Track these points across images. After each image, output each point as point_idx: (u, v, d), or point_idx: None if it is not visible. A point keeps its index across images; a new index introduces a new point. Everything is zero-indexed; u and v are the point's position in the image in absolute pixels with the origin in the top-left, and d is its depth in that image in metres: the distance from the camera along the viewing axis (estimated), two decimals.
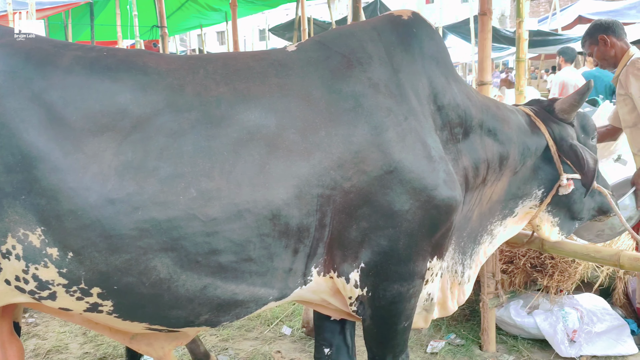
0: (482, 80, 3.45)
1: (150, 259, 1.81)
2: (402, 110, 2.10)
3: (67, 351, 3.80)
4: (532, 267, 3.60)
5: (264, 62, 2.12)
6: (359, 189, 2.01)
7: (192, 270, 1.86)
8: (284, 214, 1.91)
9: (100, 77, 1.86)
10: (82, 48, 1.97)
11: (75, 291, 1.84)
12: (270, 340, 3.87)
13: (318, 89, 2.07)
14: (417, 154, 2.06)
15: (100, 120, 1.81)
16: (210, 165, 1.85)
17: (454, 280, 2.54)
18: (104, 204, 1.75)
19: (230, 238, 1.86)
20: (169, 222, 1.79)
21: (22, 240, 1.76)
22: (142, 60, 1.97)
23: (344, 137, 2.01)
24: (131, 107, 1.84)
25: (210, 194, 1.83)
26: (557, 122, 2.67)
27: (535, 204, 2.69)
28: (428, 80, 2.23)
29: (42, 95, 1.77)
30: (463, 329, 3.90)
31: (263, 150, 1.91)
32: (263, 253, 1.93)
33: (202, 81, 1.97)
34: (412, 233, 2.09)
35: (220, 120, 1.91)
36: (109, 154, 1.78)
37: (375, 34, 2.24)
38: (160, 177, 1.80)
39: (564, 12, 15.09)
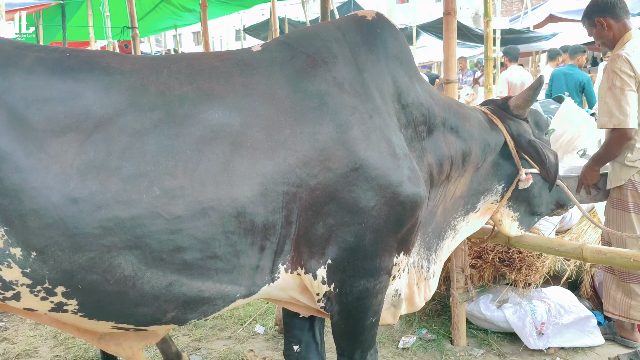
0: (448, 78, 3.49)
1: (115, 257, 1.81)
2: (367, 109, 2.13)
3: (37, 355, 3.75)
4: (501, 261, 3.65)
5: (228, 62, 2.13)
6: (324, 186, 2.04)
7: (157, 267, 1.87)
8: (249, 211, 1.92)
9: (63, 78, 1.86)
10: (45, 49, 1.96)
11: (39, 291, 1.84)
12: (243, 339, 3.87)
13: (283, 88, 2.09)
14: (381, 152, 2.10)
15: (63, 121, 1.81)
16: (174, 164, 1.86)
17: (420, 276, 2.58)
18: (66, 203, 1.75)
19: (195, 235, 1.87)
20: (132, 220, 1.80)
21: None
22: (105, 60, 1.97)
23: (309, 135, 2.03)
24: (94, 107, 1.85)
25: (174, 192, 1.84)
26: (513, 119, 2.75)
27: (496, 199, 2.76)
28: (392, 79, 2.27)
29: (3, 97, 1.77)
30: (434, 324, 3.94)
31: (227, 148, 1.92)
32: (229, 250, 1.94)
33: (166, 81, 1.98)
34: (378, 229, 2.12)
35: (183, 119, 1.91)
36: (72, 154, 1.78)
37: (339, 34, 2.26)
38: (123, 176, 1.80)
39: (536, 11, 15.33)
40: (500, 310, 3.66)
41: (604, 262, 2.85)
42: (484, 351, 3.58)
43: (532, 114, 2.88)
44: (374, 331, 2.40)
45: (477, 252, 3.73)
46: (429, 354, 3.59)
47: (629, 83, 2.98)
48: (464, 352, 3.59)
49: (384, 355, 3.58)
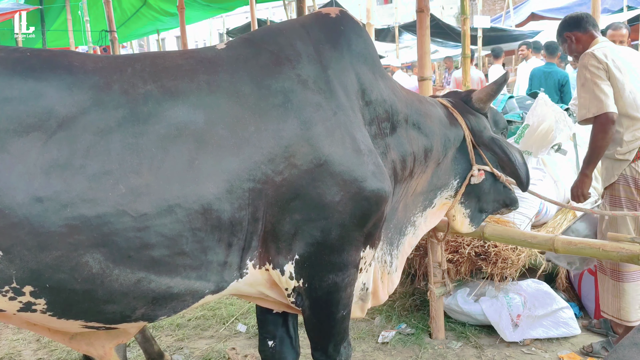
0: (422, 76, 3.55)
1: (82, 255, 1.81)
2: (331, 106, 2.15)
3: (20, 358, 3.75)
4: (477, 255, 3.71)
5: (192, 59, 2.14)
6: (290, 183, 2.05)
7: (125, 264, 1.87)
8: (215, 208, 1.94)
9: (24, 78, 1.85)
10: (5, 49, 1.96)
11: (7, 291, 1.83)
12: (225, 338, 3.89)
13: (247, 85, 2.10)
14: (346, 148, 2.12)
15: (25, 120, 1.81)
16: (139, 162, 1.86)
17: (383, 270, 2.63)
18: (31, 202, 1.75)
19: (162, 233, 1.88)
20: (98, 218, 1.80)
21: None
22: (67, 59, 1.97)
23: (274, 132, 2.05)
24: (57, 106, 1.85)
25: (140, 190, 1.84)
26: (473, 113, 2.78)
27: (450, 195, 2.80)
28: (356, 76, 2.29)
29: None
30: (414, 318, 3.99)
31: (192, 146, 1.93)
32: (196, 247, 1.95)
33: (130, 79, 1.98)
34: (344, 224, 2.14)
35: (147, 117, 1.92)
36: (35, 153, 1.78)
37: (304, 32, 2.28)
38: (87, 174, 1.81)
39: (518, 10, 15.47)
40: (477, 304, 3.73)
41: (575, 252, 2.92)
42: (461, 344, 3.64)
43: (491, 112, 2.92)
44: (345, 324, 2.43)
45: (453, 247, 3.78)
46: (407, 348, 3.64)
47: (598, 74, 3.03)
48: (442, 345, 3.64)
49: (364, 350, 3.63)
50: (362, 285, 2.49)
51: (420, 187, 2.65)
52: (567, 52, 3.41)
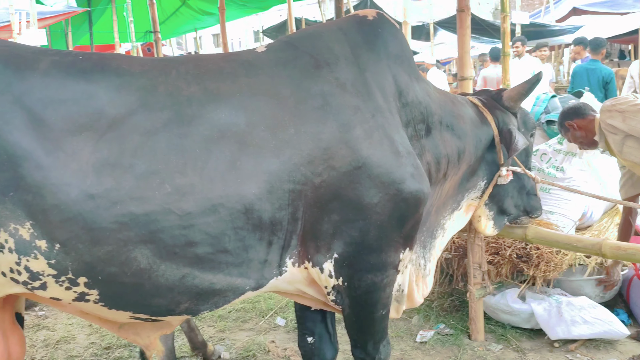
0: (462, 75, 3.53)
1: (131, 250, 1.90)
2: (369, 108, 2.18)
3: (74, 341, 3.93)
4: (518, 257, 3.68)
5: (234, 62, 2.19)
6: (328, 184, 2.09)
7: (171, 260, 1.95)
8: (257, 207, 2.00)
9: (77, 80, 1.94)
10: (59, 53, 2.05)
11: (63, 281, 1.94)
12: (265, 331, 3.96)
13: (287, 87, 2.14)
14: (384, 150, 2.15)
15: (78, 121, 1.89)
16: (184, 162, 1.93)
17: (418, 273, 2.65)
18: (84, 198, 1.84)
19: (206, 231, 1.95)
20: (146, 216, 1.88)
21: (14, 234, 1.86)
22: (116, 62, 2.05)
23: (313, 134, 2.09)
24: (107, 107, 1.93)
25: (185, 189, 1.91)
26: (503, 111, 2.78)
27: (477, 196, 2.81)
28: (393, 78, 2.31)
29: (23, 99, 1.86)
30: (452, 319, 3.98)
31: (234, 147, 1.99)
32: (238, 245, 2.01)
33: (175, 82, 2.04)
34: (382, 225, 2.17)
35: (191, 119, 1.99)
36: (87, 152, 1.87)
37: (341, 35, 2.32)
38: (135, 173, 1.88)
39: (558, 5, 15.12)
40: (526, 304, 3.67)
41: (624, 258, 2.87)
42: (502, 346, 3.62)
43: (521, 112, 2.90)
44: (384, 323, 2.47)
45: (494, 249, 3.76)
46: (446, 348, 3.63)
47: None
48: (481, 347, 3.62)
49: (402, 349, 3.64)
50: (397, 286, 2.52)
51: (451, 189, 2.65)
52: (571, 140, 3.41)
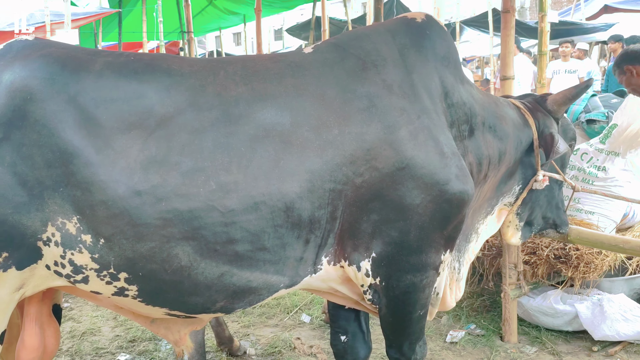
0: (505, 75, 3.47)
1: (173, 247, 1.92)
2: (415, 110, 2.17)
3: (99, 333, 3.95)
4: (556, 258, 3.55)
5: (281, 63, 2.21)
6: (370, 184, 2.08)
7: (211, 258, 1.97)
8: (297, 206, 2.00)
9: (128, 80, 2.00)
10: (112, 54, 2.12)
11: (105, 276, 1.97)
12: (290, 328, 3.90)
13: (333, 89, 2.14)
14: (429, 151, 2.13)
15: (128, 119, 1.94)
16: (229, 160, 1.96)
17: (452, 277, 2.62)
18: (131, 195, 1.88)
19: (247, 228, 1.96)
20: (190, 212, 1.91)
21: (60, 228, 1.91)
22: (167, 63, 2.10)
23: (357, 135, 2.08)
24: (156, 106, 1.97)
25: (229, 186, 1.94)
26: (545, 114, 2.71)
27: (510, 201, 2.74)
28: (439, 79, 2.30)
29: (77, 98, 1.92)
30: (483, 319, 3.88)
31: (278, 146, 2.01)
32: (277, 243, 2.02)
33: (223, 82, 2.08)
34: (423, 226, 2.15)
35: (238, 118, 2.02)
36: (135, 150, 1.91)
37: (389, 37, 2.31)
38: (182, 170, 1.92)
39: (589, 3, 14.81)
40: (569, 305, 3.54)
41: None
42: (536, 349, 3.50)
43: (563, 121, 2.83)
44: (422, 324, 2.44)
45: (530, 248, 3.64)
46: (478, 349, 3.53)
47: None
48: (515, 349, 3.51)
49: (432, 349, 3.54)
50: (433, 289, 2.47)
51: (489, 192, 2.61)
52: (624, 84, 3.30)
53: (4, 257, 1.94)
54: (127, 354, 3.67)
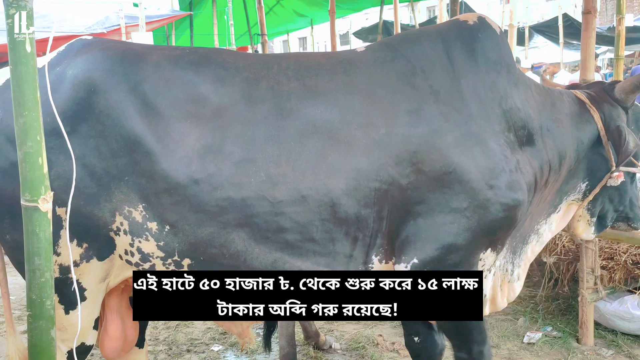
0: (585, 78, 3.53)
1: (229, 232, 2.03)
2: (462, 115, 2.18)
3: (192, 325, 4.22)
4: (634, 264, 3.64)
5: (333, 60, 2.26)
6: (416, 187, 2.12)
7: (264, 244, 2.06)
8: (343, 202, 2.06)
9: (185, 70, 2.08)
10: (168, 48, 2.23)
11: (170, 263, 2.08)
12: (371, 325, 4.11)
13: (382, 88, 2.18)
14: (476, 157, 2.14)
15: (185, 107, 2.03)
16: (279, 153, 2.03)
17: (504, 278, 2.59)
18: (190, 183, 1.98)
19: (295, 219, 2.04)
20: (242, 201, 2.00)
21: (127, 216, 2.01)
22: (221, 56, 2.19)
23: (404, 137, 2.11)
24: (211, 96, 2.05)
25: (277, 178, 2.02)
26: (612, 104, 2.59)
27: (578, 197, 2.65)
28: (491, 85, 2.27)
29: (137, 88, 2.01)
30: (559, 322, 3.99)
31: (326, 142, 2.07)
32: (325, 236, 2.09)
33: (276, 76, 2.14)
34: (470, 229, 2.16)
35: (289, 112, 2.08)
36: (193, 139, 2.00)
37: (439, 40, 2.31)
38: (235, 160, 2.00)
39: None
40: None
41: None
42: (613, 352, 3.60)
43: (635, 109, 2.69)
44: (483, 325, 2.44)
45: (608, 254, 3.74)
46: (555, 351, 3.65)
47: None
48: (591, 352, 3.62)
49: (510, 349, 3.70)
50: None
51: (550, 195, 2.56)
52: None
53: (85, 248, 2.04)
54: (219, 344, 3.92)
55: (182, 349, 3.91)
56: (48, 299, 1.58)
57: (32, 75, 1.42)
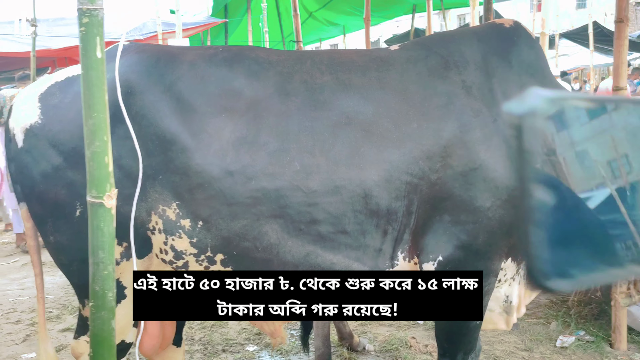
0: (617, 85, 3.56)
1: (262, 225, 2.03)
2: (492, 113, 2.19)
3: (227, 326, 4.34)
4: None
5: (366, 57, 2.29)
6: (444, 182, 2.11)
7: (297, 237, 2.05)
8: (375, 194, 2.06)
9: (218, 67, 2.13)
10: (203, 48, 2.29)
11: (203, 260, 2.09)
12: (404, 327, 4.20)
13: (414, 84, 2.20)
14: (501, 155, 2.13)
15: (219, 102, 2.06)
16: (312, 144, 2.05)
17: (525, 286, 2.49)
18: (224, 176, 1.99)
19: (328, 210, 2.04)
20: (276, 191, 2.01)
21: (162, 215, 2.03)
22: (254, 53, 2.24)
23: (434, 131, 2.13)
24: (245, 90, 2.08)
25: (311, 168, 2.02)
26: None
27: None
28: (522, 87, 2.26)
29: (172, 87, 2.05)
30: (592, 326, 4.01)
31: (359, 134, 2.08)
32: (356, 228, 2.08)
33: (309, 70, 2.18)
34: (492, 231, 2.13)
35: (322, 104, 2.10)
36: (227, 132, 2.02)
37: (475, 40, 2.34)
38: (269, 150, 2.02)
39: None
40: None
41: None
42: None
43: None
44: (476, 334, 2.41)
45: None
46: (588, 354, 3.67)
47: None
48: (625, 356, 3.63)
49: (542, 352, 3.73)
50: (504, 297, 2.46)
51: None
52: None
53: (125, 247, 2.06)
54: (254, 345, 4.01)
55: (218, 348, 3.98)
56: (110, 291, 1.65)
57: (101, 80, 1.52)
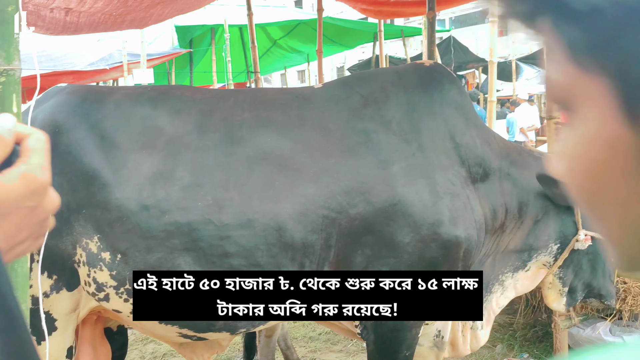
0: None
1: (176, 257, 2.05)
2: (411, 147, 2.24)
3: (179, 356, 4.17)
4: None
5: (289, 95, 2.39)
6: (363, 217, 2.14)
7: (210, 270, 2.05)
8: (289, 227, 2.08)
9: (143, 106, 2.21)
10: (132, 87, 2.37)
11: (122, 292, 2.10)
12: (353, 353, 4.20)
13: (334, 122, 2.27)
14: (420, 189, 2.17)
15: (140, 139, 2.13)
16: (227, 178, 2.09)
17: (465, 324, 2.56)
18: (140, 210, 2.03)
19: (240, 243, 2.05)
20: (188, 225, 2.04)
21: (85, 247, 2.06)
22: (180, 91, 2.33)
23: (353, 167, 2.18)
24: (166, 127, 2.15)
25: (224, 202, 2.06)
26: None
27: (549, 261, 2.57)
28: (445, 120, 2.33)
29: (97, 125, 2.13)
30: (536, 349, 4.08)
31: (275, 169, 2.13)
32: (270, 261, 2.09)
33: (231, 108, 2.25)
34: (412, 265, 2.15)
35: (240, 140, 2.17)
36: (146, 167, 2.07)
37: (396, 77, 2.43)
38: (183, 185, 2.06)
39: None
40: (619, 337, 3.70)
41: None
42: None
43: None
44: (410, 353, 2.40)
45: None
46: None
47: None
48: None
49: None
50: (436, 331, 2.48)
51: (513, 244, 2.51)
52: None
53: (54, 280, 2.09)
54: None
55: None
56: None
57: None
